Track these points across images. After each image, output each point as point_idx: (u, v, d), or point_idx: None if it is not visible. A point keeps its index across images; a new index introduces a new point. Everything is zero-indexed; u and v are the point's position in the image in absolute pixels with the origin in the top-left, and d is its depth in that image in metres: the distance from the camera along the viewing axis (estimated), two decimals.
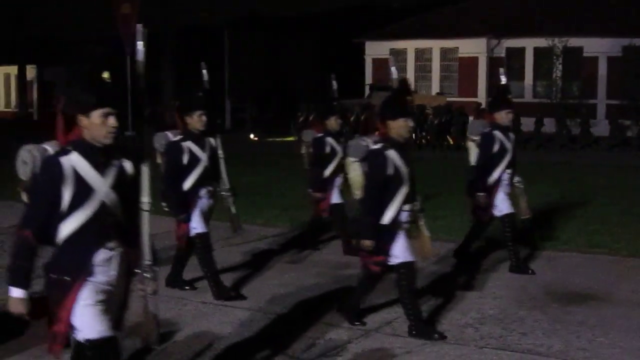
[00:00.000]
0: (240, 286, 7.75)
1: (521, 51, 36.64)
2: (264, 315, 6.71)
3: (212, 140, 7.35)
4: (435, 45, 38.19)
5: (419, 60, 39.08)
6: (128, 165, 4.10)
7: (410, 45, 38.86)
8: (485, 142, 8.15)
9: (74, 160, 3.82)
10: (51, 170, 3.83)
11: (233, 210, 7.81)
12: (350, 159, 6.16)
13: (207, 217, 7.31)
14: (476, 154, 8.28)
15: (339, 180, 8.96)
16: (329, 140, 9.02)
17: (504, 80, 8.68)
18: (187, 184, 7.12)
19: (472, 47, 37.24)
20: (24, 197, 4.36)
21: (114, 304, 4.16)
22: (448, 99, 34.74)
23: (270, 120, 33.07)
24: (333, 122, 9.05)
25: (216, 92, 45.80)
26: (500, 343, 6.01)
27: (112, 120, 3.87)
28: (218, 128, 7.75)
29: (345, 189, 6.84)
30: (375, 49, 39.88)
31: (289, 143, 31.38)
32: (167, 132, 7.33)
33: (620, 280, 8.02)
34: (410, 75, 38.95)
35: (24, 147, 4.24)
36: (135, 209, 4.13)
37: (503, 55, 37.08)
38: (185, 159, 7.08)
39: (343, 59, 46.09)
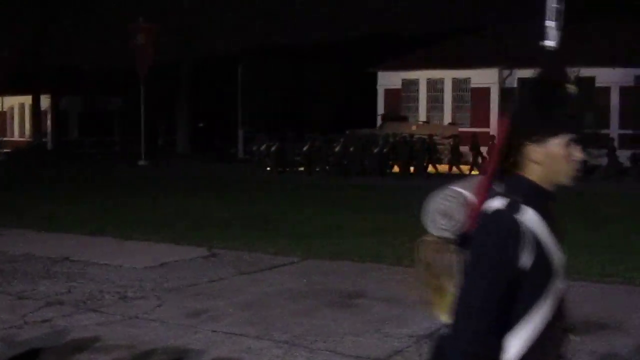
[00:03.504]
0: (251, 314, 7.75)
1: None
2: (274, 344, 6.70)
3: None
4: (448, 76, 38.31)
5: (431, 90, 39.19)
6: None
7: (423, 76, 39.00)
8: None
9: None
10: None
11: None
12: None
13: None
14: None
15: None
16: None
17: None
18: None
19: (484, 77, 37.34)
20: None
21: None
22: (460, 129, 34.81)
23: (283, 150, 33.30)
24: None
25: (229, 122, 46.08)
26: None
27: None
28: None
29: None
30: (388, 79, 40.05)
31: (301, 173, 31.48)
32: None
33: (633, 310, 7.97)
34: (422, 105, 39.10)
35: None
36: None
37: (515, 85, 37.14)
38: None
39: (356, 89, 46.35)
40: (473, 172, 31.11)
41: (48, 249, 11.76)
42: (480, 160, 31.01)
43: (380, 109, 40.05)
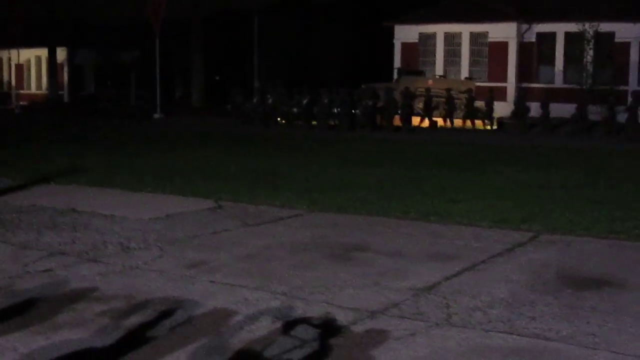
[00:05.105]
0: (251, 266, 7.72)
1: (552, 36, 36.21)
2: (271, 295, 6.66)
3: None
4: (465, 30, 37.87)
5: (448, 44, 38.77)
6: None
7: (440, 30, 38.58)
8: None
9: None
10: None
11: None
12: None
13: None
14: None
15: None
16: None
17: None
18: None
19: (502, 31, 36.90)
20: None
21: None
22: (477, 84, 34.51)
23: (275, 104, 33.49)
24: None
25: (246, 76, 45.85)
26: (507, 327, 5.91)
27: None
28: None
29: None
30: (405, 33, 39.66)
31: (313, 127, 31.35)
32: None
33: (638, 267, 7.87)
34: (439, 59, 38.73)
35: None
36: None
37: (534, 40, 36.69)
38: None
39: (373, 43, 45.96)
40: (488, 127, 30.93)
41: (55, 200, 11.78)
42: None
43: (397, 63, 39.72)
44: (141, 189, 13.10)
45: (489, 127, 30.80)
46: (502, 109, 32.56)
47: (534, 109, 30.92)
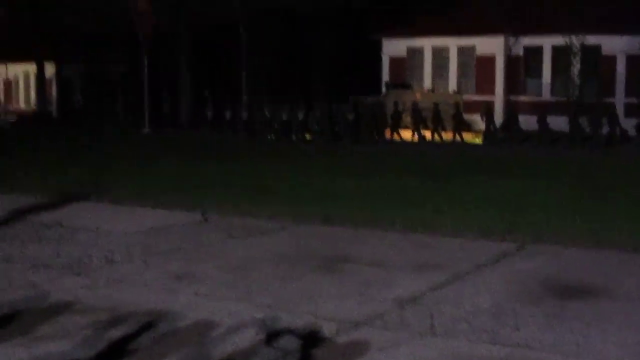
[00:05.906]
0: (235, 278, 7.70)
1: (539, 49, 36.37)
2: (255, 307, 6.64)
3: None
4: (453, 44, 37.98)
5: (436, 58, 38.88)
6: None
7: (428, 43, 38.67)
8: None
9: None
10: None
11: None
12: None
13: None
14: None
15: None
16: None
17: None
18: None
19: (489, 45, 37.01)
20: None
21: None
22: (465, 97, 34.67)
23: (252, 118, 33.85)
24: None
25: (234, 89, 45.85)
26: (491, 337, 5.91)
27: None
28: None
29: None
30: (393, 47, 39.75)
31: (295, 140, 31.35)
32: None
33: (622, 276, 7.89)
34: (427, 73, 38.85)
35: None
36: None
37: (521, 53, 36.83)
38: None
39: (360, 56, 46.08)
40: (477, 141, 30.98)
41: (41, 214, 11.72)
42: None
43: (386, 76, 39.77)
44: (127, 203, 13.04)
45: (476, 140, 30.84)
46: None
47: (522, 121, 30.94)
